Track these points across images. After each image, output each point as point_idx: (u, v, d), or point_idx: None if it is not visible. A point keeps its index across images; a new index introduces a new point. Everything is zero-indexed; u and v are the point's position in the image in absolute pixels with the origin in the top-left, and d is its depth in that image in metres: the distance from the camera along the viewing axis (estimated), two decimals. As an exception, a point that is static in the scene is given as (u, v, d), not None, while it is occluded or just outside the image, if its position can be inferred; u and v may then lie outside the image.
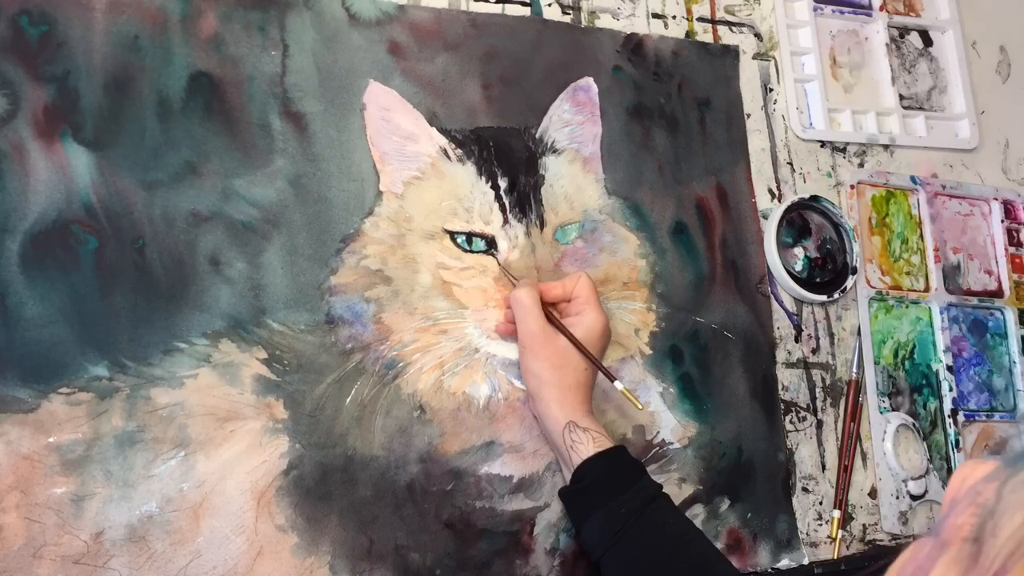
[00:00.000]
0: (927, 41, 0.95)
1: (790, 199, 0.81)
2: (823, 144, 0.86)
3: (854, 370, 0.81)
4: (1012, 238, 0.92)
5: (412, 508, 0.64)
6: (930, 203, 0.88)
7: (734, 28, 0.85)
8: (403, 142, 0.70)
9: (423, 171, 0.70)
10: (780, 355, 0.79)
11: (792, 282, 0.79)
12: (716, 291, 0.77)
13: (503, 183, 0.71)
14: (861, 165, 0.87)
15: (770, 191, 0.83)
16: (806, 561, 0.75)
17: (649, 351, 0.74)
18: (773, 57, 0.86)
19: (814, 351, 0.81)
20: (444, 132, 0.71)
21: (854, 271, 0.82)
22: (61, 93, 0.62)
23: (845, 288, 0.81)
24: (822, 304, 0.82)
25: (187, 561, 0.58)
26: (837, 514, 0.77)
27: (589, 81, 0.77)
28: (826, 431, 0.79)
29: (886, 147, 0.89)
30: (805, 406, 0.79)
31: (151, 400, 0.59)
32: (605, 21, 0.80)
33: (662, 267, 0.76)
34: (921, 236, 0.88)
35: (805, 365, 0.80)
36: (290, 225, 0.65)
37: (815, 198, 0.82)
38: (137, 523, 0.57)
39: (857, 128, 0.88)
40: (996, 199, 0.92)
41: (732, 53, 0.84)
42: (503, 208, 0.70)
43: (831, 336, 0.82)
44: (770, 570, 0.74)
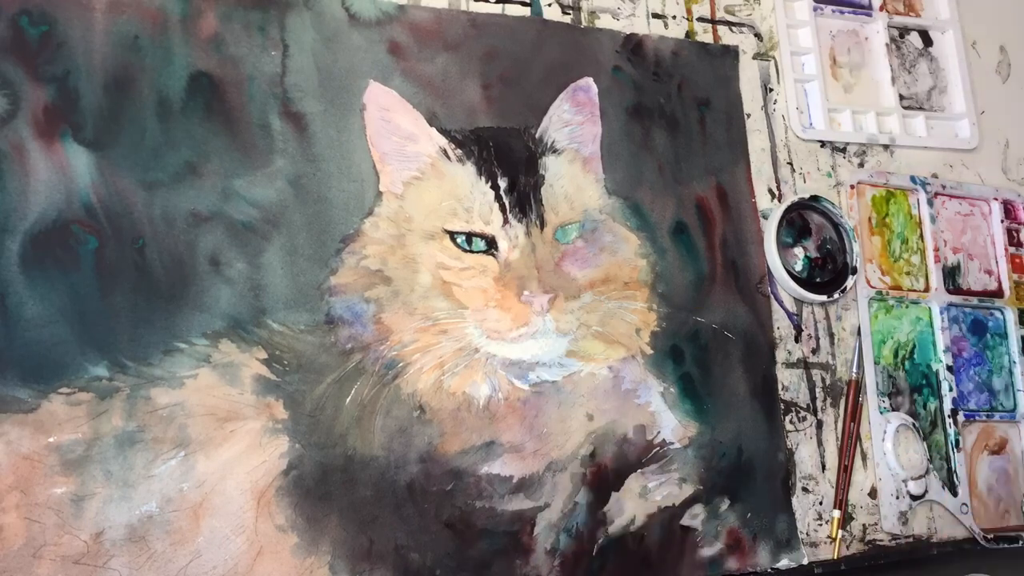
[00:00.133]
0: (927, 41, 0.95)
1: (790, 199, 0.81)
2: (823, 144, 0.86)
3: (854, 370, 0.81)
4: (1012, 238, 0.92)
5: (412, 508, 0.64)
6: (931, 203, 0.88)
7: (734, 28, 0.85)
8: (403, 142, 0.70)
9: (423, 171, 0.70)
10: (780, 355, 0.79)
11: (792, 282, 0.79)
12: (716, 291, 0.77)
13: (503, 183, 0.71)
14: (861, 165, 0.87)
15: (770, 191, 0.83)
16: (806, 561, 0.75)
17: (650, 351, 0.74)
18: (773, 57, 0.86)
19: (814, 351, 0.81)
20: (444, 132, 0.71)
21: (854, 271, 0.82)
22: (61, 93, 0.62)
23: (845, 288, 0.81)
24: (822, 304, 0.82)
25: (187, 561, 0.58)
26: (837, 514, 0.77)
27: (589, 81, 0.77)
28: (826, 431, 0.79)
29: (886, 147, 0.89)
30: (805, 406, 0.79)
31: (151, 400, 0.59)
32: (605, 21, 0.80)
33: (663, 267, 0.76)
34: (921, 236, 0.88)
35: (805, 365, 0.80)
36: (290, 225, 0.65)
37: (815, 198, 0.82)
38: (137, 523, 0.57)
39: (857, 128, 0.88)
40: (996, 199, 0.92)
41: (732, 53, 0.84)
42: (503, 208, 0.70)
43: (831, 336, 0.82)
44: (770, 570, 0.74)
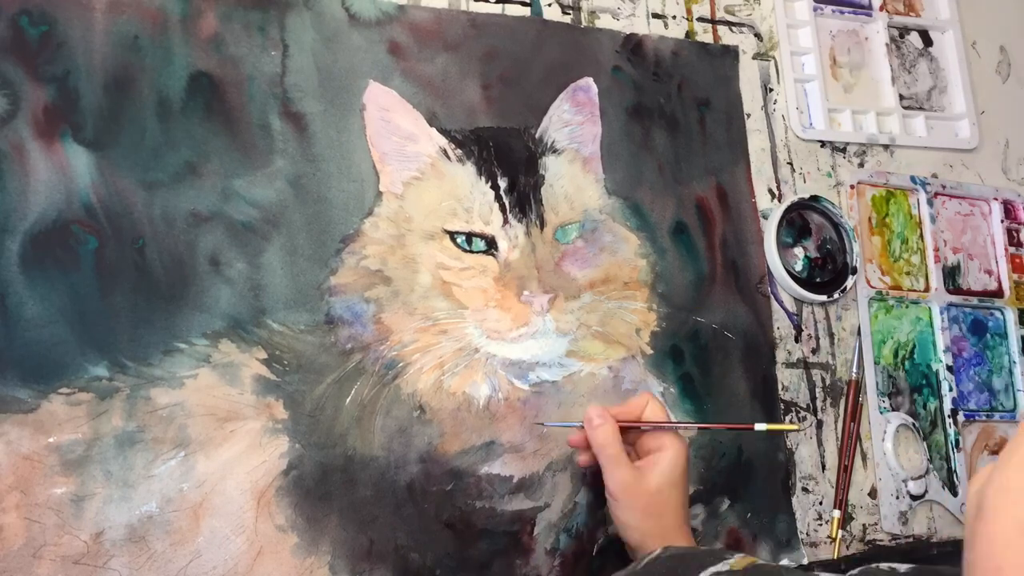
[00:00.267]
0: (927, 41, 0.95)
1: (790, 199, 0.81)
2: (823, 144, 0.86)
3: (854, 370, 0.81)
4: (1012, 238, 0.92)
5: (412, 508, 0.64)
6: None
7: (734, 28, 0.85)
8: (403, 142, 0.70)
9: (423, 171, 0.70)
10: (780, 355, 0.79)
11: (792, 282, 0.79)
12: (716, 291, 0.77)
13: (503, 183, 0.71)
14: (861, 165, 0.87)
15: (770, 191, 0.83)
16: (806, 561, 0.75)
17: (650, 351, 0.74)
18: (773, 57, 0.86)
19: (814, 351, 0.81)
20: (444, 132, 0.71)
21: (854, 271, 0.82)
22: (61, 93, 0.62)
23: (845, 288, 0.81)
24: (822, 304, 0.82)
25: (187, 561, 0.58)
26: (837, 514, 0.77)
27: (589, 81, 0.77)
28: (826, 431, 0.79)
29: (886, 147, 0.89)
30: (805, 406, 0.79)
31: (151, 400, 0.59)
32: (605, 21, 0.80)
33: (663, 267, 0.76)
34: (921, 236, 0.88)
35: (805, 365, 0.80)
36: (290, 225, 0.66)
37: (815, 198, 0.82)
38: (137, 523, 0.57)
39: (857, 128, 0.88)
40: (996, 199, 0.92)
41: (732, 53, 0.84)
42: (503, 208, 0.70)
43: (831, 336, 0.82)
44: (770, 570, 0.74)
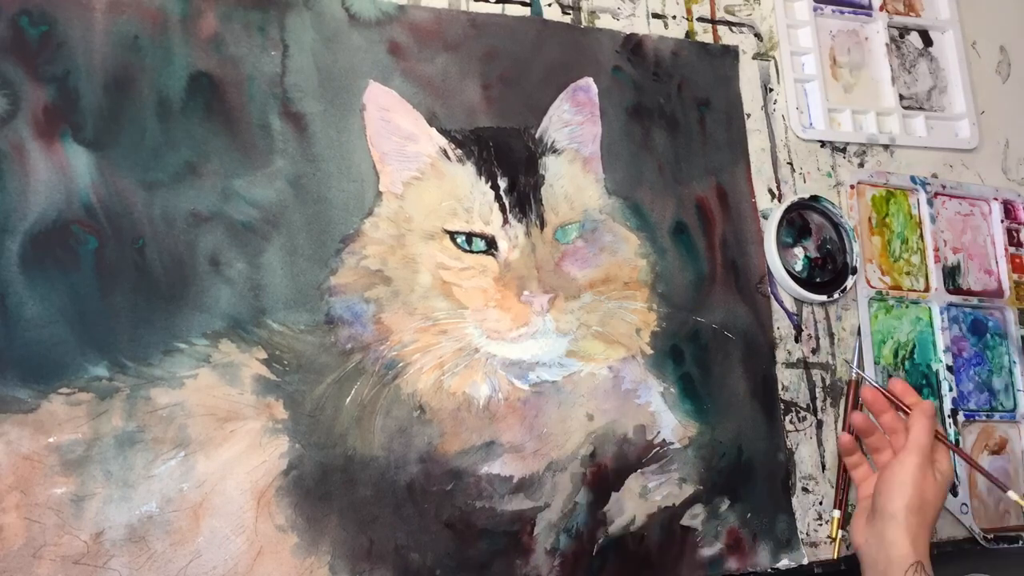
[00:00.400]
0: (927, 41, 0.95)
1: (790, 199, 0.81)
2: (823, 144, 0.86)
3: (854, 370, 0.81)
4: (1012, 238, 0.92)
5: (412, 508, 0.64)
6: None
7: (734, 28, 0.85)
8: (403, 142, 0.70)
9: (423, 171, 0.70)
10: (780, 355, 0.79)
11: (792, 282, 0.79)
12: (716, 291, 0.77)
13: (503, 183, 0.71)
14: (861, 165, 0.87)
15: (770, 191, 0.83)
16: (806, 561, 0.75)
17: (650, 351, 0.74)
18: (773, 57, 0.86)
19: (814, 351, 0.81)
20: (444, 132, 0.71)
21: (854, 271, 0.82)
22: (61, 93, 0.62)
23: (845, 288, 0.81)
24: (822, 304, 0.82)
25: (187, 561, 0.58)
26: (837, 514, 0.77)
27: (589, 81, 0.77)
28: (826, 431, 0.79)
29: (886, 147, 0.89)
30: (805, 406, 0.79)
31: (151, 400, 0.59)
32: (605, 21, 0.80)
33: (663, 267, 0.76)
34: (921, 236, 0.88)
35: (805, 365, 0.80)
36: (290, 225, 0.66)
37: (815, 198, 0.82)
38: (137, 523, 0.57)
39: (857, 128, 0.88)
40: (996, 199, 0.92)
41: (732, 53, 0.84)
42: (503, 208, 0.70)
43: (831, 336, 0.82)
44: (770, 570, 0.74)
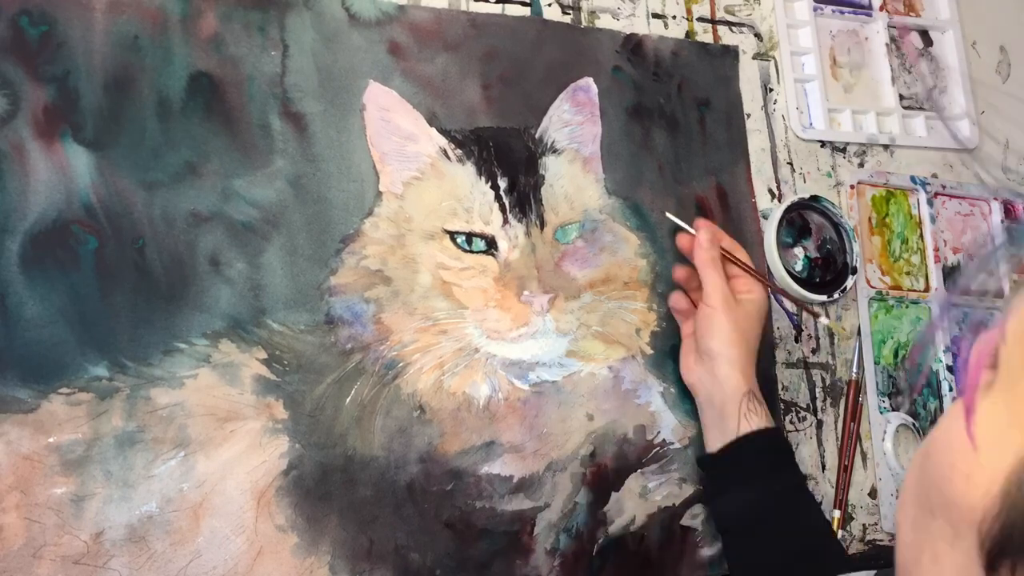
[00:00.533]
0: (927, 41, 0.95)
1: (790, 199, 0.81)
2: (823, 144, 0.86)
3: (854, 370, 0.81)
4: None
5: (412, 508, 0.64)
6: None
7: (734, 28, 0.85)
8: (403, 142, 0.70)
9: (423, 171, 0.70)
10: (780, 355, 0.79)
11: (792, 282, 0.79)
12: (716, 291, 0.77)
13: (503, 183, 0.71)
14: (861, 165, 0.87)
15: (770, 191, 0.83)
16: (806, 561, 0.75)
17: (650, 351, 0.74)
18: (773, 57, 0.86)
19: (814, 351, 0.81)
20: (444, 132, 0.71)
21: (854, 271, 0.82)
22: (61, 93, 0.62)
23: (845, 288, 0.81)
24: (822, 304, 0.82)
25: (187, 561, 0.58)
26: (837, 514, 0.77)
27: (589, 81, 0.77)
28: (826, 431, 0.79)
29: (886, 147, 0.89)
30: (805, 406, 0.79)
31: (151, 400, 0.59)
32: (605, 21, 0.80)
33: (662, 267, 0.76)
34: (921, 236, 0.88)
35: (805, 365, 0.80)
36: (290, 225, 0.66)
37: (815, 198, 0.82)
38: (137, 523, 0.57)
39: (857, 128, 0.88)
40: (996, 199, 0.92)
41: (732, 53, 0.84)
42: (503, 208, 0.70)
43: (831, 336, 0.82)
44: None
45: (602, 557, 0.68)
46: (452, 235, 0.69)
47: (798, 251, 0.82)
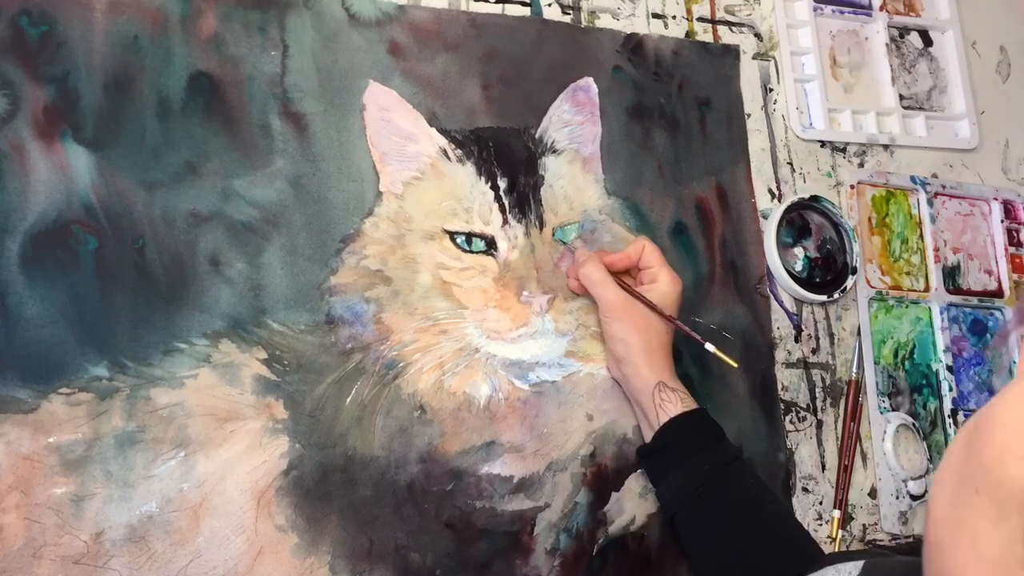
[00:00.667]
0: (927, 41, 0.95)
1: (790, 199, 0.81)
2: (823, 144, 0.86)
3: (854, 370, 0.81)
4: (1012, 238, 0.92)
5: (412, 508, 0.64)
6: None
7: (734, 28, 0.85)
8: (403, 142, 0.70)
9: (423, 171, 0.70)
10: (780, 355, 0.79)
11: (792, 282, 0.79)
12: (715, 291, 0.77)
13: (503, 183, 0.71)
14: (861, 165, 0.87)
15: (770, 191, 0.83)
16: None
17: (649, 351, 0.74)
18: (773, 57, 0.86)
19: (814, 351, 0.81)
20: (444, 132, 0.71)
21: (854, 271, 0.82)
22: (61, 93, 0.62)
23: (845, 288, 0.81)
24: (822, 304, 0.82)
25: (187, 561, 0.58)
26: (837, 514, 0.77)
27: (589, 81, 0.77)
28: (826, 431, 0.79)
29: (886, 147, 0.89)
30: (805, 406, 0.79)
31: (151, 400, 0.59)
32: (605, 21, 0.80)
33: (662, 267, 0.76)
34: (921, 236, 0.88)
35: (805, 365, 0.80)
36: (290, 225, 0.66)
37: (815, 198, 0.82)
38: (137, 523, 0.57)
39: (857, 128, 0.88)
40: (996, 199, 0.92)
41: (732, 53, 0.84)
42: (503, 208, 0.70)
43: (831, 336, 0.82)
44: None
45: (602, 557, 0.68)
46: (452, 235, 0.69)
47: (798, 251, 0.82)
